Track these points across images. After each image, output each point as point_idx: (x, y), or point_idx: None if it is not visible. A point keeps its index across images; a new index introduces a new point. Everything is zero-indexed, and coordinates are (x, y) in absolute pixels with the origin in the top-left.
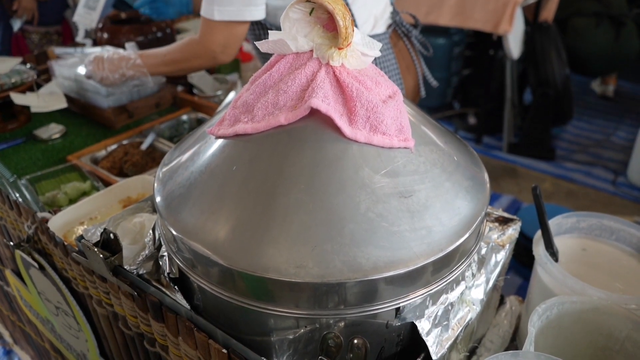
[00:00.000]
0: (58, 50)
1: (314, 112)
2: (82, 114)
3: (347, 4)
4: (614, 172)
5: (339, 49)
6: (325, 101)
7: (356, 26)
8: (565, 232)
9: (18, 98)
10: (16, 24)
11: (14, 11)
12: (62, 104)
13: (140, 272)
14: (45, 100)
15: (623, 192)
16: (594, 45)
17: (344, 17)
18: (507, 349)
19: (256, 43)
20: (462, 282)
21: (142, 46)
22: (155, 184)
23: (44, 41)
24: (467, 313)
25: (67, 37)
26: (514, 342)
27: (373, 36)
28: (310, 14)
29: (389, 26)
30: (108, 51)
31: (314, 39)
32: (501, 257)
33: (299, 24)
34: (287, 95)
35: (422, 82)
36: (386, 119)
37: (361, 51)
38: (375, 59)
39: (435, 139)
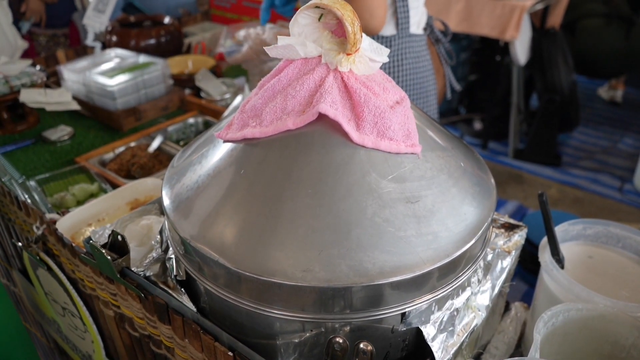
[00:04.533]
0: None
1: (322, 117)
2: (90, 117)
3: (407, 4)
4: (620, 179)
5: (348, 54)
6: (333, 106)
7: (408, 25)
8: (572, 239)
9: (27, 94)
10: (24, 26)
11: (22, 13)
12: (74, 105)
13: (148, 274)
14: (54, 96)
15: (629, 199)
16: (605, 45)
17: (353, 23)
18: (512, 356)
19: (265, 48)
20: (468, 288)
21: (150, 50)
22: (163, 187)
23: (51, 43)
24: (473, 319)
25: (75, 39)
26: (519, 348)
27: (416, 35)
28: (319, 19)
29: (425, 29)
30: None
31: (323, 45)
32: (507, 263)
33: (307, 29)
34: (295, 100)
35: (448, 84)
36: (393, 124)
37: (369, 57)
38: (416, 57)
39: (442, 144)
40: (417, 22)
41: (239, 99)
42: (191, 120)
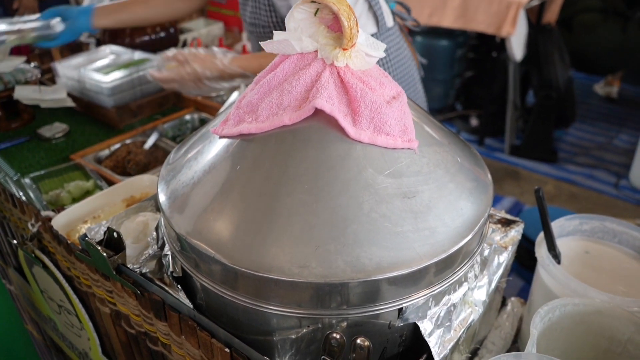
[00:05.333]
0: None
1: (318, 113)
2: (85, 113)
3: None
4: (616, 175)
5: (344, 49)
6: (330, 101)
7: (385, 20)
8: (568, 234)
9: (21, 91)
10: None
11: (15, 10)
12: (69, 102)
13: (144, 271)
14: (48, 93)
15: (625, 195)
16: (601, 41)
17: (349, 17)
18: (508, 351)
19: (261, 43)
20: (465, 284)
21: (145, 46)
22: (159, 183)
23: None
24: (470, 314)
25: None
26: (516, 344)
27: (392, 28)
28: (315, 14)
29: (394, 19)
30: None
31: (319, 40)
32: (504, 258)
33: (303, 24)
34: (291, 96)
35: (419, 63)
36: (390, 119)
37: (365, 52)
38: (397, 49)
39: (438, 140)
40: (389, 13)
41: (235, 95)
42: (187, 117)
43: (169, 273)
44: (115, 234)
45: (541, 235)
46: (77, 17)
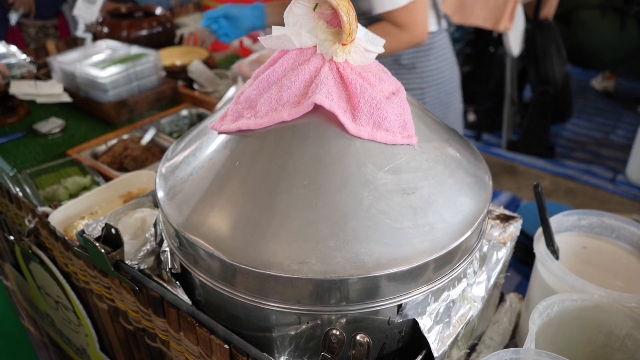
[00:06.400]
0: None
1: (318, 108)
2: (82, 109)
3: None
4: (612, 170)
5: (343, 45)
6: (329, 97)
7: (442, 22)
8: (566, 229)
9: (17, 86)
10: (13, 18)
11: (11, 4)
12: (65, 97)
13: (142, 267)
14: (44, 88)
15: (622, 190)
16: (600, 36)
17: (348, 13)
18: (506, 347)
19: (260, 38)
20: (464, 279)
21: (142, 41)
22: (157, 179)
23: (40, 35)
24: (469, 310)
25: (64, 31)
26: (514, 339)
27: (445, 30)
28: (314, 9)
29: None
30: None
31: (318, 35)
32: (502, 254)
33: (302, 19)
34: (290, 91)
35: None
36: (389, 115)
37: (365, 47)
38: (450, 50)
39: (438, 135)
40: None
41: (232, 90)
42: (184, 112)
43: (167, 269)
44: (113, 230)
45: (540, 231)
46: (250, 15)
